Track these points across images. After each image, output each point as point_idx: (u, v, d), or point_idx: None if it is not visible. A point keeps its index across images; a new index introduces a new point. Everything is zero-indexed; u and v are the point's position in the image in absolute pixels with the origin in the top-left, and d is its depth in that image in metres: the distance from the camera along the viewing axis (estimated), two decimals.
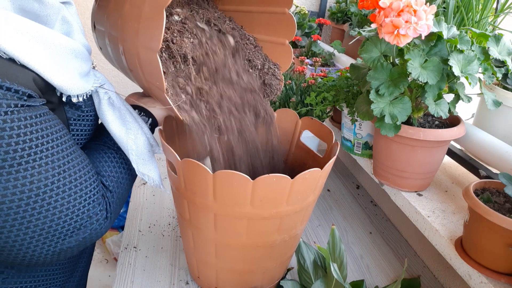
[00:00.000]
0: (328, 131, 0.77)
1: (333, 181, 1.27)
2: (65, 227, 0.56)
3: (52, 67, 0.54)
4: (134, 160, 0.66)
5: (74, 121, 0.63)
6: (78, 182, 0.57)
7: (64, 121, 0.61)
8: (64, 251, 0.57)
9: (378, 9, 0.65)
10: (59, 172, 0.54)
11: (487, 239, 0.60)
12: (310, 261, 0.75)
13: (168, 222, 1.01)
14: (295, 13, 1.65)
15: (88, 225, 0.58)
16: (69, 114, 0.61)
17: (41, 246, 0.55)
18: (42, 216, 0.53)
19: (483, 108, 0.84)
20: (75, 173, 0.57)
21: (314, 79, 1.05)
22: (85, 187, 0.58)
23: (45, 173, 0.52)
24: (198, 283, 0.81)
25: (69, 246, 0.57)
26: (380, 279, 0.87)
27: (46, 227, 0.54)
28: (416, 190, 0.82)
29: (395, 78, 0.69)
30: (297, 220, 0.69)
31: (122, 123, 0.66)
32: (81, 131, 0.65)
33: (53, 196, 0.53)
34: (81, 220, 0.57)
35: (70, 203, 0.55)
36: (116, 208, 0.65)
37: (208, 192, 0.62)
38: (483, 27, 0.88)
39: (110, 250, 1.84)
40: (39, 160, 0.52)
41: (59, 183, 0.54)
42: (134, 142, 0.66)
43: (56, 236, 0.55)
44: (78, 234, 0.57)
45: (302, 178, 0.61)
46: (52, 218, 0.54)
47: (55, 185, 0.54)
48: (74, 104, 0.62)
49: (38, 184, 0.52)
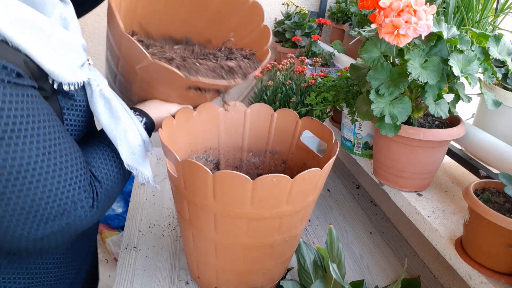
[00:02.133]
0: (328, 131, 0.77)
1: (333, 181, 1.27)
2: (47, 210, 0.55)
3: (44, 52, 0.54)
4: (124, 153, 0.66)
5: (68, 110, 0.63)
6: (64, 165, 0.56)
7: (57, 110, 0.61)
8: (47, 237, 0.57)
9: (378, 9, 0.65)
10: (43, 153, 0.54)
11: (487, 239, 0.60)
12: (310, 261, 0.75)
13: (168, 222, 1.01)
14: (295, 13, 1.65)
15: (72, 210, 0.57)
16: (62, 103, 0.62)
17: (22, 227, 0.54)
18: (23, 195, 0.52)
19: (483, 108, 0.84)
20: (61, 156, 0.56)
21: (314, 79, 1.05)
22: (70, 171, 0.57)
23: (28, 152, 0.52)
24: (198, 283, 0.81)
25: (52, 231, 0.56)
26: (380, 279, 0.87)
27: (27, 207, 0.53)
28: (416, 190, 0.82)
29: (395, 78, 0.69)
30: (297, 220, 0.69)
31: (112, 115, 0.66)
32: (74, 121, 0.65)
33: (35, 175, 0.53)
34: (64, 205, 0.56)
35: (53, 185, 0.55)
36: (104, 199, 0.64)
37: (208, 192, 0.62)
38: (483, 27, 0.88)
39: (110, 250, 1.84)
40: (23, 138, 0.51)
41: (43, 163, 0.54)
42: (124, 135, 0.66)
43: (38, 218, 0.55)
44: (62, 219, 0.56)
45: (302, 178, 0.61)
46: (34, 198, 0.53)
47: (38, 165, 0.53)
48: (67, 93, 0.62)
49: (21, 161, 0.51)
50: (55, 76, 0.57)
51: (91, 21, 1.72)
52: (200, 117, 0.85)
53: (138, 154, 0.68)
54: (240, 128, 0.89)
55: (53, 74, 0.56)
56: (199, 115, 0.85)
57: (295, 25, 1.60)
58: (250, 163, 0.93)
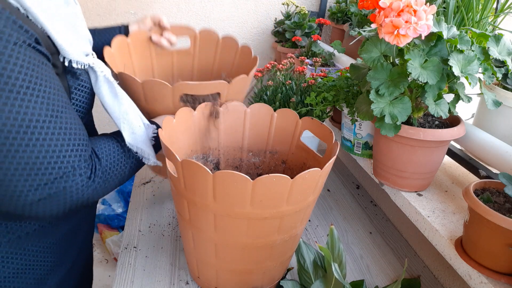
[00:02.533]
0: (328, 131, 0.77)
1: (333, 181, 1.27)
2: (48, 170, 0.58)
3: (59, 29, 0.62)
4: (125, 132, 0.72)
5: (75, 89, 0.69)
6: (68, 132, 0.61)
7: (66, 88, 0.67)
8: (44, 200, 0.59)
9: (378, 9, 0.65)
10: (51, 115, 0.59)
11: (487, 239, 0.60)
12: (310, 261, 0.75)
13: (168, 222, 1.01)
14: (295, 13, 1.65)
15: (70, 175, 0.61)
16: (70, 82, 0.68)
17: (23, 183, 0.57)
18: (29, 150, 0.56)
19: (483, 108, 0.84)
20: (66, 123, 0.61)
21: (314, 79, 1.05)
22: (73, 139, 0.62)
23: (39, 110, 0.57)
24: (198, 283, 0.81)
25: (50, 194, 0.59)
26: (380, 279, 0.87)
27: (31, 163, 0.57)
28: (416, 190, 0.82)
29: (395, 78, 0.69)
30: (297, 220, 0.69)
31: (115, 97, 0.72)
32: (80, 102, 0.71)
33: (42, 133, 0.57)
34: (64, 168, 0.60)
35: (57, 146, 0.59)
36: (102, 177, 0.67)
37: (208, 192, 0.62)
38: (483, 27, 0.88)
39: (110, 250, 1.84)
40: (36, 97, 0.56)
41: (50, 124, 0.58)
42: (126, 116, 0.72)
43: (38, 177, 0.58)
44: (60, 182, 0.60)
45: (302, 178, 0.61)
46: (38, 155, 0.57)
47: (46, 124, 0.58)
48: (75, 73, 0.68)
49: (31, 117, 0.56)
50: (66, 53, 0.63)
51: (91, 21, 1.72)
52: (200, 117, 0.85)
53: (138, 134, 0.73)
54: (240, 128, 0.89)
55: (64, 50, 0.63)
56: (199, 115, 0.85)
57: (295, 25, 1.60)
58: (250, 163, 0.93)
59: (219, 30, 1.85)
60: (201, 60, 1.05)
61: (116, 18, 1.75)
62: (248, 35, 1.89)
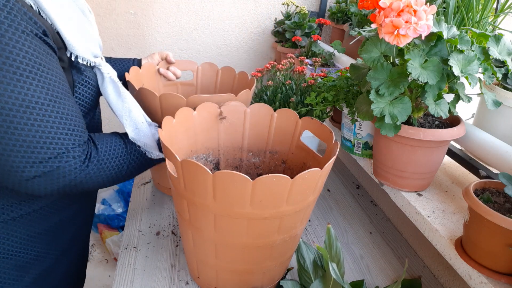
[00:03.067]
0: (328, 131, 0.77)
1: (333, 181, 1.27)
2: (44, 149, 0.63)
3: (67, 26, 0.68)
4: (128, 127, 0.78)
5: (79, 84, 0.74)
6: (65, 117, 0.66)
7: (70, 83, 0.73)
8: (38, 178, 0.64)
9: (378, 9, 0.65)
10: (50, 99, 0.63)
11: (487, 239, 0.60)
12: (310, 261, 0.75)
13: (168, 222, 1.01)
14: (295, 13, 1.65)
15: (64, 156, 0.65)
16: (75, 77, 0.73)
17: (19, 159, 0.62)
18: (27, 129, 0.61)
19: (483, 108, 0.84)
20: (64, 109, 0.66)
21: (314, 79, 1.05)
22: (69, 123, 0.67)
23: (39, 93, 0.62)
24: (198, 283, 0.81)
25: (44, 171, 0.64)
26: (380, 279, 0.87)
27: (27, 140, 0.62)
28: (416, 190, 0.82)
29: (395, 78, 0.69)
30: (297, 220, 0.69)
31: (119, 96, 0.79)
32: (84, 96, 0.76)
33: (40, 115, 0.62)
34: (59, 149, 0.65)
35: (53, 128, 0.64)
36: (98, 165, 0.71)
37: (208, 192, 0.62)
38: (483, 27, 0.88)
39: (110, 250, 1.84)
40: (37, 81, 0.62)
41: (48, 107, 0.63)
42: (129, 113, 0.78)
43: (34, 155, 0.63)
44: (54, 161, 0.64)
45: (302, 178, 0.61)
46: (35, 134, 0.62)
47: (44, 107, 0.63)
48: (79, 69, 0.74)
49: (31, 98, 0.61)
50: (72, 49, 0.69)
51: None
52: (200, 117, 0.85)
53: (141, 129, 0.79)
54: (240, 128, 0.89)
55: (71, 46, 0.69)
56: (199, 115, 0.85)
57: (295, 25, 1.60)
58: (250, 163, 0.93)
59: (219, 30, 1.85)
60: (203, 88, 1.16)
61: (116, 18, 1.75)
62: (248, 35, 1.89)
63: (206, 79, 1.16)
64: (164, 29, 1.81)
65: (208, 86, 1.16)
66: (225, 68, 1.13)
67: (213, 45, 1.88)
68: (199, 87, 1.16)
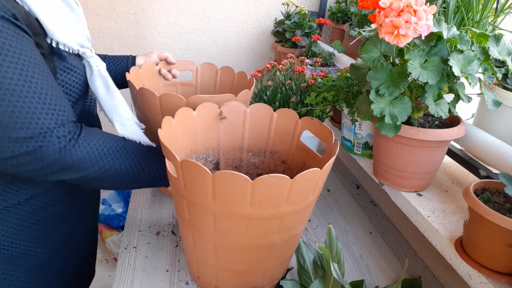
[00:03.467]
0: (328, 131, 0.77)
1: (333, 181, 1.27)
2: (23, 129, 0.62)
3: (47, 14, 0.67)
4: (116, 123, 0.79)
5: (61, 71, 0.74)
6: (42, 96, 0.65)
7: (52, 69, 0.72)
8: (22, 157, 0.64)
9: (378, 9, 0.65)
10: (25, 80, 0.63)
11: (487, 239, 0.59)
12: (310, 261, 0.75)
13: (168, 222, 1.01)
14: (295, 13, 1.65)
15: (47, 136, 0.65)
16: (56, 63, 0.73)
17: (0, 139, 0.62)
18: (2, 110, 0.61)
19: (483, 108, 0.84)
20: (41, 89, 0.65)
21: (314, 79, 1.05)
22: (48, 103, 0.65)
23: (11, 74, 0.61)
24: (198, 283, 0.81)
25: (27, 151, 0.63)
26: (380, 279, 0.87)
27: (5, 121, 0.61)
28: (416, 190, 0.82)
29: (395, 78, 0.69)
30: (297, 220, 0.69)
31: (108, 90, 0.79)
32: (67, 84, 0.75)
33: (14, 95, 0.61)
34: (40, 129, 0.64)
35: (30, 108, 0.63)
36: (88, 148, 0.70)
37: (208, 192, 0.62)
38: (483, 27, 0.88)
39: (110, 250, 1.84)
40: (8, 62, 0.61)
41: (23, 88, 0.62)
42: (116, 108, 0.79)
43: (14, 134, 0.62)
44: (37, 141, 0.64)
45: (302, 178, 0.61)
46: (11, 115, 0.61)
47: (18, 88, 0.62)
48: (61, 55, 0.73)
49: (3, 80, 0.60)
50: (52, 35, 0.69)
51: (91, 21, 1.72)
52: (200, 117, 0.85)
53: (127, 125, 0.80)
54: (240, 128, 0.89)
55: (51, 32, 0.68)
56: (199, 115, 0.85)
57: (295, 25, 1.60)
58: (250, 163, 0.93)
59: (219, 30, 1.85)
60: (203, 88, 1.17)
61: (116, 18, 1.75)
62: (248, 35, 1.89)
63: (205, 79, 1.16)
64: (164, 29, 1.81)
65: (207, 86, 1.17)
66: (224, 68, 1.14)
67: (213, 45, 1.89)
68: (199, 87, 1.17)
